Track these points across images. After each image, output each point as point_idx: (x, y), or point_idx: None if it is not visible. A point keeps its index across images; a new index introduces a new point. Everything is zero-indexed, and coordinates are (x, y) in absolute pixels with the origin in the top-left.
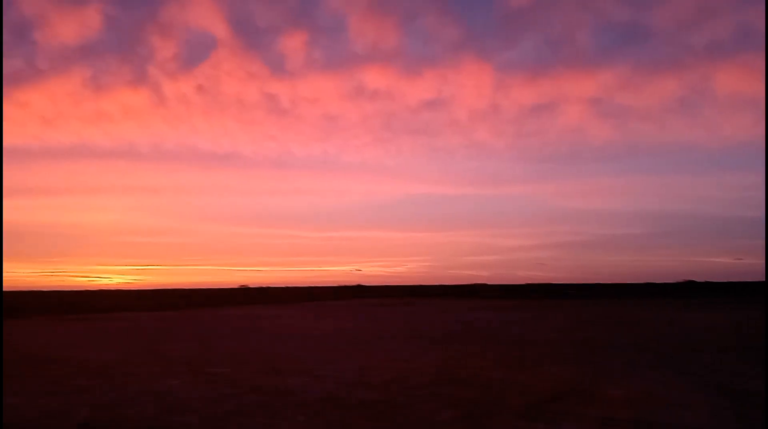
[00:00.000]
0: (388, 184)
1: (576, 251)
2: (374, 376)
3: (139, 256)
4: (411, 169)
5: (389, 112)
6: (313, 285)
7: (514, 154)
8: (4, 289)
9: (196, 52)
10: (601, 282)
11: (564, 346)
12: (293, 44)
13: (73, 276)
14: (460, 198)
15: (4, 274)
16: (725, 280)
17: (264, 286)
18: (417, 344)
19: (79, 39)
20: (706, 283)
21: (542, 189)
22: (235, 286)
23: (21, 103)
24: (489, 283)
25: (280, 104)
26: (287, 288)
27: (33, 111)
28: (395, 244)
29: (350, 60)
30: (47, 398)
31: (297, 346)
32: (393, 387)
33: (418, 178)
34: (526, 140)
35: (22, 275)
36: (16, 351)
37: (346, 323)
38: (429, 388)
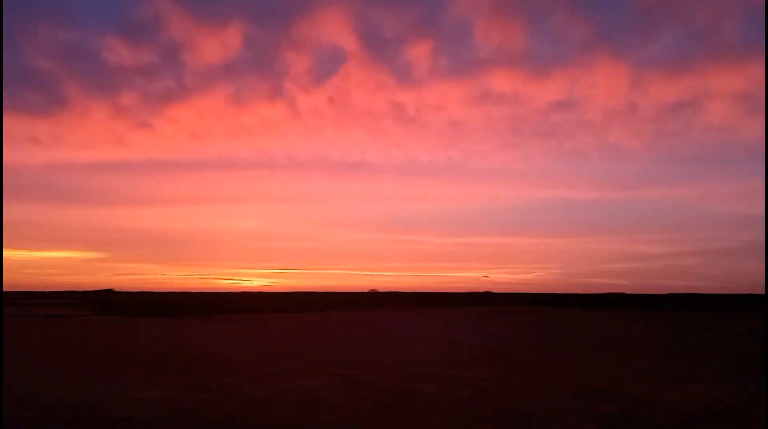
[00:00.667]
0: (515, 188)
1: (723, 259)
2: (510, 385)
3: (278, 260)
4: (540, 173)
5: (516, 115)
6: (440, 290)
7: (654, 155)
8: (172, 290)
9: (327, 65)
10: (753, 292)
11: (713, 361)
12: (419, 52)
13: (218, 278)
14: (594, 202)
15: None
16: None
17: (392, 290)
18: (552, 355)
19: (221, 59)
20: None
21: (685, 192)
22: (365, 290)
23: (172, 120)
24: (627, 292)
25: (406, 112)
26: (415, 293)
27: (182, 127)
28: (524, 250)
29: (476, 65)
30: (199, 393)
31: (428, 351)
32: (530, 398)
33: (548, 182)
34: (667, 140)
35: (174, 277)
36: (172, 348)
37: (477, 330)
38: (568, 401)
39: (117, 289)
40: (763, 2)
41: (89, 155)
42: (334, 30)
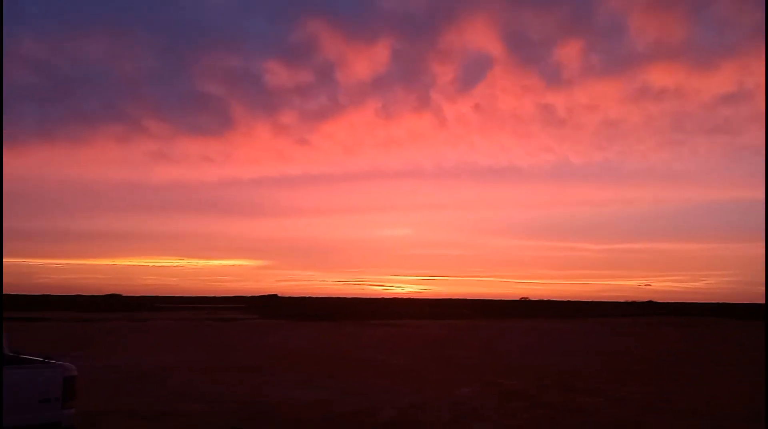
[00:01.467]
0: (680, 190)
1: None
2: (678, 402)
3: (427, 267)
4: (708, 172)
5: (679, 111)
6: (595, 300)
7: None
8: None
9: (472, 73)
10: None
11: None
12: (569, 52)
13: (371, 285)
14: None
15: None
16: None
17: (544, 298)
18: (721, 371)
19: (371, 74)
20: None
21: None
22: (516, 298)
23: (327, 135)
24: None
25: (556, 114)
26: (568, 301)
27: (336, 141)
28: (690, 256)
29: (631, 61)
30: (358, 397)
31: (585, 362)
32: (700, 417)
33: (717, 181)
34: None
35: (330, 283)
36: (329, 351)
37: (636, 341)
38: (746, 423)
39: (280, 295)
40: None
41: (254, 171)
42: (479, 37)
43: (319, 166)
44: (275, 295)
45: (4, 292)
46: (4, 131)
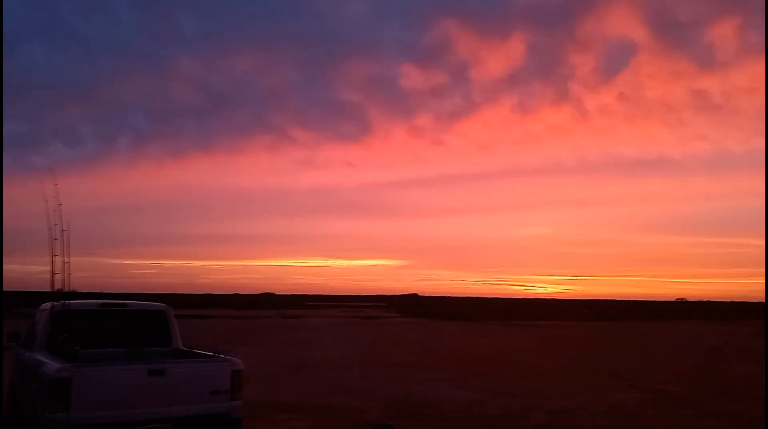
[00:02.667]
0: None
1: None
2: None
3: (571, 266)
4: None
5: None
6: (761, 300)
7: None
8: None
9: (615, 61)
10: None
11: None
12: (723, 32)
13: (511, 284)
14: None
15: None
16: None
17: (704, 299)
18: None
19: (505, 69)
20: None
21: None
22: (672, 299)
23: (461, 135)
24: None
25: (711, 100)
26: (732, 302)
27: (471, 140)
28: None
29: None
30: (506, 398)
31: (760, 369)
32: None
33: None
34: None
35: (469, 283)
36: (474, 351)
37: None
38: None
39: (420, 294)
40: None
41: (392, 174)
42: (621, 23)
43: (456, 166)
44: (415, 294)
45: (172, 291)
46: (169, 145)
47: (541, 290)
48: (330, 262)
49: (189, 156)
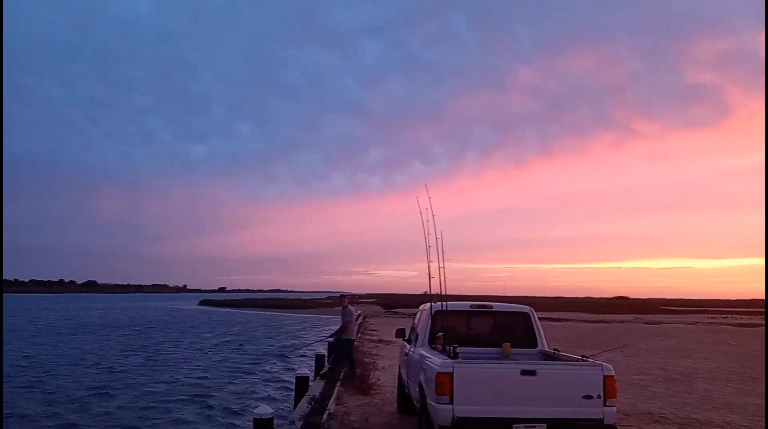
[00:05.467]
0: None
1: None
2: None
3: None
4: None
5: None
6: None
7: None
8: None
9: None
10: None
11: None
12: None
13: None
14: None
15: None
16: None
17: None
18: None
19: None
20: None
21: None
22: None
23: None
24: None
25: None
26: None
27: None
28: None
29: None
30: None
31: None
32: None
33: None
34: None
35: None
36: None
37: None
38: None
39: None
40: None
41: (758, 159)
42: None
43: None
44: None
45: (522, 294)
46: (512, 154)
47: None
48: (689, 263)
49: (530, 162)
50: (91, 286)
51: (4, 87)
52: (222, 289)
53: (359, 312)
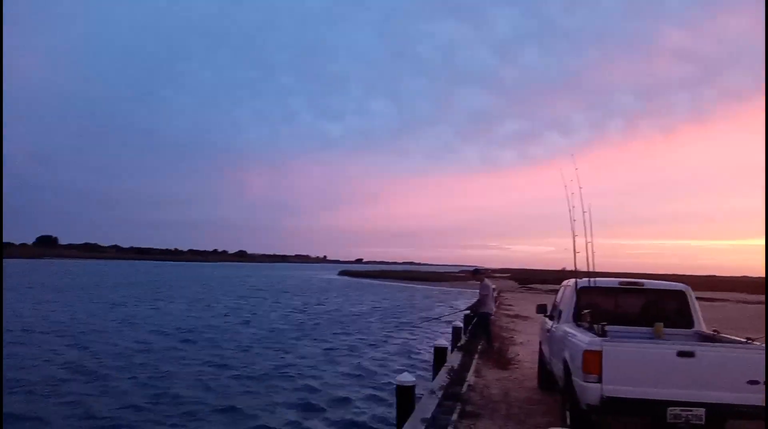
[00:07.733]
0: None
1: None
2: None
3: None
4: None
5: None
6: None
7: None
8: None
9: None
10: None
11: None
12: None
13: None
14: None
15: None
16: None
17: None
18: None
19: None
20: None
21: None
22: None
23: None
24: None
25: None
26: None
27: None
28: None
29: None
30: None
31: None
32: None
33: None
34: None
35: None
36: None
37: None
38: None
39: None
40: None
41: None
42: None
43: None
44: None
45: (669, 271)
46: (659, 122)
47: None
48: None
49: (680, 131)
50: (241, 256)
51: (163, 74)
52: (359, 261)
53: (494, 286)
